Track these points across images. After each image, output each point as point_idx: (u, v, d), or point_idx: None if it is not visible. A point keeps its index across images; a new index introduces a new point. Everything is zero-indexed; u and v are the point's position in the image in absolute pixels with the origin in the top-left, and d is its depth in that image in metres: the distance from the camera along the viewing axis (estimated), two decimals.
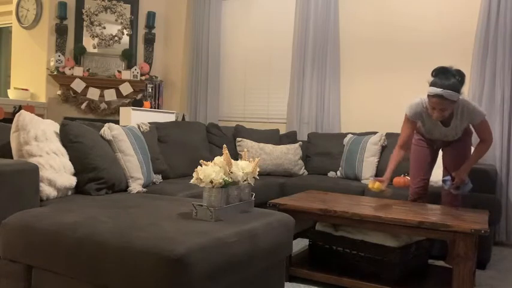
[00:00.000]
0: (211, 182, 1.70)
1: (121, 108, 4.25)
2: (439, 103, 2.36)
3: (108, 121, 3.74)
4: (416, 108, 2.59)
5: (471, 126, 2.62)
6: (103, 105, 5.02)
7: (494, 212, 2.76)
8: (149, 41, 5.25)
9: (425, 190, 2.80)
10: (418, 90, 3.92)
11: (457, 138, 2.65)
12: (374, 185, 2.58)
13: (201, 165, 1.75)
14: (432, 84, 2.38)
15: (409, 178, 3.21)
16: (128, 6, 5.14)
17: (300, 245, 3.12)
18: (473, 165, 2.59)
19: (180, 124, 3.73)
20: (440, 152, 2.91)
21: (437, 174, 3.03)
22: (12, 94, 4.89)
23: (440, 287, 2.25)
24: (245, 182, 1.88)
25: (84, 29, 4.98)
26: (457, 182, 2.55)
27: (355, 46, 4.26)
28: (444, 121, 2.57)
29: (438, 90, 2.34)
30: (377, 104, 4.15)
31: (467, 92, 3.65)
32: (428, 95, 2.41)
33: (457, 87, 2.34)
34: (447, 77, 2.35)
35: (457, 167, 2.62)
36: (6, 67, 6.55)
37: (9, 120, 3.66)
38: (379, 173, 3.53)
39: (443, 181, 2.62)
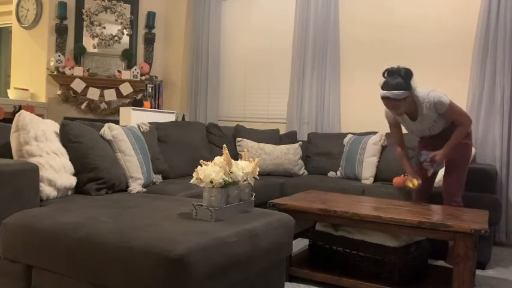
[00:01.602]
0: (211, 182, 1.70)
1: (121, 108, 4.25)
2: (388, 104, 2.52)
3: (108, 121, 3.74)
4: (387, 110, 2.77)
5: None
6: (103, 105, 5.02)
7: (494, 212, 2.76)
8: (149, 41, 5.25)
9: (428, 191, 2.81)
10: None
11: (450, 133, 2.64)
12: (413, 182, 2.66)
13: (201, 165, 1.75)
14: (381, 87, 2.53)
15: None
16: (128, 6, 5.14)
17: (300, 245, 3.12)
18: (452, 147, 2.60)
19: (180, 124, 3.73)
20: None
21: (439, 175, 3.03)
22: (12, 94, 4.89)
23: (440, 287, 2.25)
24: (245, 182, 1.88)
25: (84, 29, 4.98)
26: (432, 162, 2.62)
27: (355, 46, 4.26)
28: (411, 116, 2.66)
29: (383, 92, 2.49)
30: (377, 104, 4.14)
31: (467, 92, 3.66)
32: (381, 97, 2.56)
33: (402, 86, 2.46)
34: (393, 78, 2.49)
35: (454, 163, 2.64)
36: (6, 67, 6.56)
37: (9, 120, 3.66)
38: (379, 173, 3.53)
39: (420, 154, 2.70)
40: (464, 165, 2.66)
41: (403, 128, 2.84)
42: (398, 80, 2.47)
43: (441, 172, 3.01)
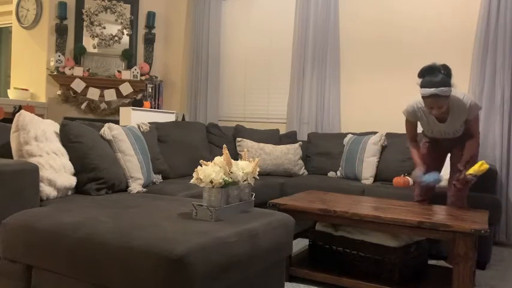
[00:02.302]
0: (211, 182, 1.70)
1: (121, 108, 4.25)
2: (435, 101, 2.39)
3: (108, 121, 3.73)
4: (410, 109, 2.66)
5: None
6: (103, 105, 5.02)
7: (494, 212, 2.76)
8: (149, 41, 5.25)
9: (430, 193, 2.79)
10: (418, 90, 3.91)
11: (463, 138, 2.63)
12: (484, 165, 2.43)
13: (201, 165, 1.75)
14: (423, 85, 2.41)
15: (409, 178, 3.22)
16: (128, 6, 5.14)
17: (300, 245, 3.12)
18: (469, 162, 2.56)
19: (180, 124, 3.73)
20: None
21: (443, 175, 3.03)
22: (12, 94, 4.89)
23: (440, 287, 2.25)
24: (245, 182, 1.88)
25: (84, 29, 4.98)
26: (464, 182, 2.53)
27: (355, 46, 4.26)
28: (440, 118, 2.58)
29: (432, 90, 2.36)
30: (377, 104, 4.15)
31: (467, 92, 3.66)
32: (423, 97, 2.43)
33: (447, 82, 2.37)
34: (435, 75, 2.39)
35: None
36: (6, 67, 6.56)
37: (9, 120, 3.66)
38: (378, 173, 3.54)
39: (423, 175, 2.55)
40: None
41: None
42: (441, 76, 2.37)
43: (442, 172, 3.01)
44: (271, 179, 3.58)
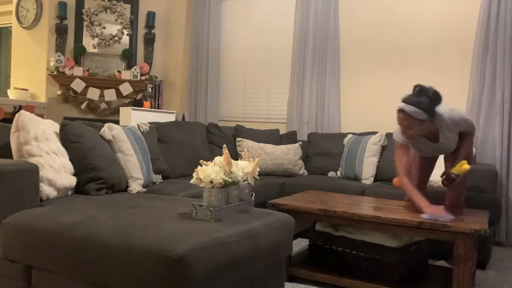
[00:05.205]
0: (211, 182, 1.70)
1: (121, 108, 4.25)
2: (402, 118, 2.30)
3: (108, 121, 3.74)
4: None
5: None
6: (103, 105, 5.02)
7: (494, 212, 2.76)
8: (149, 41, 5.25)
9: (424, 184, 2.72)
10: None
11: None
12: (464, 166, 2.28)
13: (201, 165, 1.75)
14: (402, 100, 2.34)
15: None
16: (128, 6, 5.14)
17: (300, 245, 3.12)
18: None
19: (180, 124, 3.73)
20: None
21: (436, 174, 3.03)
22: (12, 94, 4.89)
23: (440, 287, 2.25)
24: (245, 182, 1.88)
25: (84, 29, 4.98)
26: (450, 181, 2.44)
27: (355, 46, 4.26)
28: (431, 138, 2.45)
29: (401, 104, 2.30)
30: (377, 104, 4.15)
31: (467, 92, 3.66)
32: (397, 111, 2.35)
33: (425, 106, 2.26)
34: (419, 95, 2.29)
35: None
36: (6, 67, 6.55)
37: (9, 120, 3.66)
38: (378, 173, 3.53)
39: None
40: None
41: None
42: (423, 99, 2.26)
43: (435, 171, 3.01)
44: (271, 179, 3.58)
